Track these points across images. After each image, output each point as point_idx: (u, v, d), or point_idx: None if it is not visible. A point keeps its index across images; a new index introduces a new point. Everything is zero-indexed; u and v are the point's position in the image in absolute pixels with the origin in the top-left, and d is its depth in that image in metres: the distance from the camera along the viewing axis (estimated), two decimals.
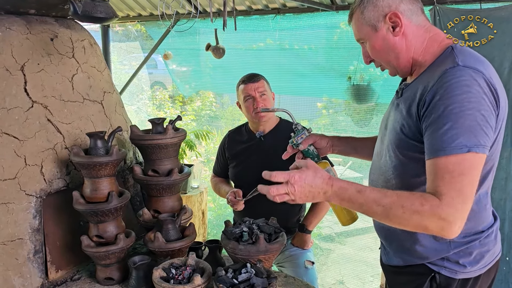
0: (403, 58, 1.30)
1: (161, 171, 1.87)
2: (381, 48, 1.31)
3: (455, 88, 1.10)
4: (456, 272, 1.28)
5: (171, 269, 1.57)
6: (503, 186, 2.78)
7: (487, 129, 1.10)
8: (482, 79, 1.12)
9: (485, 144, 1.10)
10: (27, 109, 1.75)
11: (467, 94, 1.09)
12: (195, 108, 6.58)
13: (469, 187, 1.08)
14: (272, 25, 3.61)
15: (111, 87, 2.20)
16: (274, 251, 1.63)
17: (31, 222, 1.71)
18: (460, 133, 1.08)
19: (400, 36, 1.27)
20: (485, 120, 1.10)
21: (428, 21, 1.31)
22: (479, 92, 1.10)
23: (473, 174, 1.09)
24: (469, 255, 1.28)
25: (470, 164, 1.09)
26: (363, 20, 1.31)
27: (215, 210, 4.65)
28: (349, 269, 3.95)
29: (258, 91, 2.19)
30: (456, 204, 1.06)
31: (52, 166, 1.79)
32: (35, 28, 1.85)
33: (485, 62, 1.20)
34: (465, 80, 1.11)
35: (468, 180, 1.08)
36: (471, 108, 1.08)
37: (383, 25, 1.27)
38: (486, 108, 1.10)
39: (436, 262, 1.30)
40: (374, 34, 1.30)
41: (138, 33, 4.48)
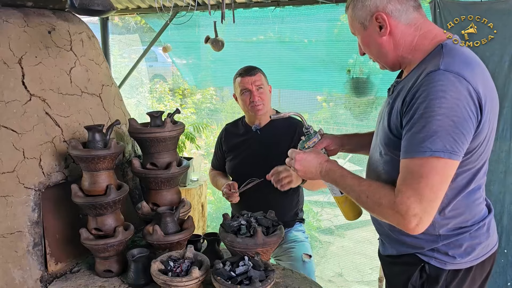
0: (391, 56, 1.32)
1: (159, 164, 1.87)
2: (369, 45, 1.34)
3: (431, 92, 1.12)
4: (446, 263, 1.30)
5: (169, 262, 1.58)
6: (502, 179, 2.78)
7: (457, 135, 1.11)
8: (461, 84, 1.12)
9: (452, 150, 1.11)
10: (25, 102, 1.75)
11: (440, 100, 1.11)
12: (195, 101, 6.57)
13: (426, 189, 1.12)
14: (271, 17, 3.59)
15: (110, 80, 2.19)
16: (272, 244, 1.64)
17: (30, 215, 1.71)
18: (427, 137, 1.11)
19: (387, 36, 1.28)
20: (454, 126, 1.11)
21: (421, 18, 1.30)
22: (454, 97, 1.11)
23: (434, 178, 1.12)
24: (459, 247, 1.30)
25: (431, 168, 1.12)
26: (354, 17, 1.33)
27: (214, 203, 4.66)
28: (348, 261, 3.96)
29: (255, 85, 2.18)
30: (410, 203, 1.13)
31: (50, 159, 1.79)
32: (32, 21, 1.84)
33: (472, 64, 1.19)
34: (442, 85, 1.12)
35: (426, 182, 1.12)
36: (441, 114, 1.10)
37: (371, 24, 1.29)
38: (458, 115, 1.11)
39: (426, 253, 1.33)
40: (363, 31, 1.32)
41: (137, 25, 4.46)
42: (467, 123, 1.13)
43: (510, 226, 2.83)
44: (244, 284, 1.41)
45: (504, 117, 2.67)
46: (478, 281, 1.36)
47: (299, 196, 2.36)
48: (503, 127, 2.68)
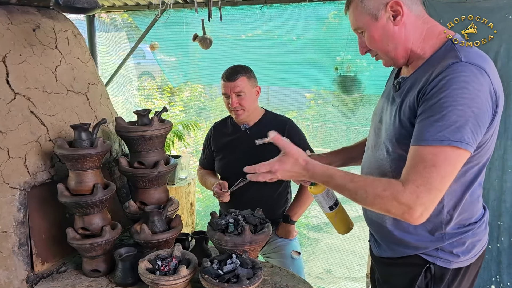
0: (402, 48, 1.29)
1: (147, 163, 1.87)
2: (380, 38, 1.29)
3: (453, 82, 1.11)
4: (450, 262, 1.31)
5: (157, 261, 1.57)
6: (486, 176, 2.81)
7: (475, 127, 1.11)
8: (483, 76, 1.12)
9: (468, 141, 1.10)
10: (10, 101, 1.73)
11: (463, 90, 1.10)
12: (184, 98, 6.55)
13: (438, 179, 1.10)
14: (259, 15, 3.59)
15: (96, 78, 2.18)
16: (259, 242, 1.65)
17: (15, 215, 1.69)
18: (445, 126, 1.10)
19: (400, 25, 1.26)
20: (474, 118, 1.10)
21: (425, 12, 1.30)
22: (476, 89, 1.11)
23: (446, 168, 1.10)
24: (462, 245, 1.31)
25: (446, 157, 1.10)
26: (362, 9, 1.28)
27: (203, 201, 4.66)
28: (336, 258, 4.00)
29: (233, 91, 2.18)
30: (419, 192, 1.10)
31: (36, 159, 1.77)
32: (16, 18, 1.82)
33: (487, 59, 1.20)
34: (465, 76, 1.11)
35: (438, 172, 1.10)
36: (462, 104, 1.09)
37: (384, 13, 1.26)
38: (479, 106, 1.11)
39: (431, 253, 1.32)
40: (374, 23, 1.28)
41: (124, 22, 4.42)
42: (485, 116, 1.13)
43: (495, 222, 2.88)
44: (231, 282, 1.41)
45: None
46: (472, 277, 1.38)
47: (288, 194, 2.37)
48: None
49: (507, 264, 2.84)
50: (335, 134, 4.24)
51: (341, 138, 4.23)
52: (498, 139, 2.73)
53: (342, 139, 4.18)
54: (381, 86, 1.65)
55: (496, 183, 2.82)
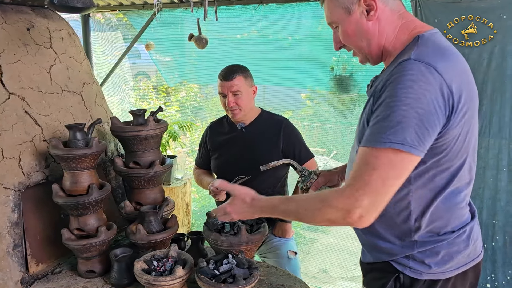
0: (375, 45, 1.24)
1: (142, 163, 1.86)
2: (353, 33, 1.24)
3: (399, 81, 1.06)
4: (421, 273, 1.22)
5: (152, 261, 1.57)
6: (481, 174, 2.84)
7: (420, 129, 1.05)
8: (432, 74, 1.06)
9: (412, 144, 1.04)
10: (4, 100, 1.71)
11: (408, 89, 1.05)
12: (179, 98, 6.53)
13: (378, 182, 1.06)
14: (255, 15, 3.59)
15: (91, 78, 2.17)
16: (255, 242, 1.65)
17: (9, 215, 1.68)
18: (388, 127, 1.05)
19: (374, 20, 1.20)
20: (418, 119, 1.04)
21: (403, 7, 1.25)
22: (422, 88, 1.04)
23: (388, 171, 1.06)
24: (435, 255, 1.22)
25: (388, 160, 1.05)
26: (336, 2, 1.23)
27: (199, 201, 4.65)
28: (332, 258, 4.00)
29: (230, 91, 2.17)
30: (358, 196, 1.07)
31: (30, 159, 1.76)
32: (10, 18, 1.80)
33: (447, 55, 1.13)
34: (411, 75, 1.06)
35: (379, 175, 1.06)
36: (406, 104, 1.04)
37: (357, 8, 1.20)
38: (424, 107, 1.04)
39: (401, 261, 1.25)
40: (347, 17, 1.22)
41: (119, 22, 4.40)
42: (432, 117, 1.06)
43: (489, 221, 2.89)
44: (228, 282, 1.41)
45: (483, 114, 2.72)
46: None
47: (284, 194, 2.37)
48: (482, 124, 2.74)
49: (502, 262, 2.86)
50: (331, 133, 4.25)
51: (336, 138, 4.24)
52: (492, 138, 2.77)
53: (338, 139, 4.19)
54: None
55: (491, 182, 2.83)
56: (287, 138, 2.24)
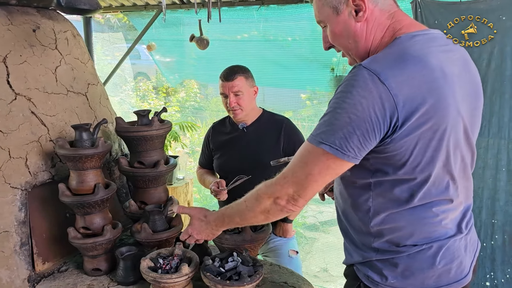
0: (361, 47, 1.20)
1: (147, 162, 1.88)
2: (341, 33, 1.20)
3: (345, 85, 1.07)
4: (378, 284, 1.19)
5: (158, 259, 1.59)
6: (480, 175, 2.87)
7: (349, 134, 1.04)
8: (374, 82, 1.02)
9: (340, 147, 1.05)
10: (10, 101, 1.74)
11: (347, 94, 1.04)
12: (179, 99, 6.55)
13: (303, 175, 1.13)
14: (256, 16, 3.62)
15: (95, 78, 2.19)
16: (259, 240, 1.67)
17: (16, 214, 1.70)
18: (323, 126, 1.09)
19: (362, 22, 1.16)
20: (350, 124, 1.03)
21: (395, 6, 1.19)
22: (360, 95, 1.02)
23: (313, 168, 1.11)
24: (393, 267, 1.18)
25: (316, 158, 1.10)
26: (324, 1, 1.19)
27: (200, 201, 4.67)
28: (333, 257, 4.03)
29: (232, 91, 2.20)
30: (284, 183, 1.16)
31: (37, 159, 1.78)
32: (16, 19, 1.82)
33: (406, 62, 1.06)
34: (353, 80, 1.05)
35: (306, 169, 1.12)
36: (342, 108, 1.04)
37: (346, 8, 1.16)
38: (359, 114, 1.02)
39: (362, 269, 1.24)
40: (335, 17, 1.18)
41: (121, 23, 4.43)
42: (366, 125, 1.03)
43: (489, 220, 2.92)
44: (233, 279, 1.43)
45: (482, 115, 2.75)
46: None
47: None
48: (482, 124, 2.77)
49: (501, 261, 2.89)
50: None
51: None
52: (492, 138, 2.81)
53: None
54: None
55: (490, 182, 2.87)
56: (288, 138, 2.26)
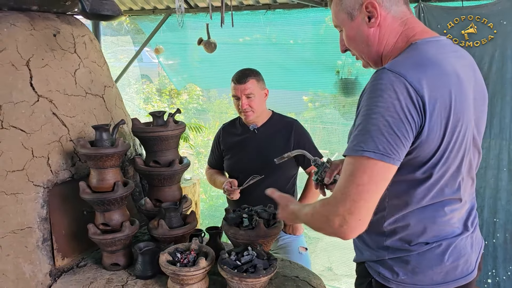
0: (374, 51, 1.25)
1: (162, 161, 1.96)
2: (355, 38, 1.26)
3: (372, 90, 1.09)
4: (389, 280, 1.23)
5: (176, 254, 1.66)
6: (482, 174, 2.95)
7: (391, 137, 1.05)
8: (400, 83, 1.06)
9: (384, 151, 1.05)
10: (33, 103, 1.81)
11: (378, 98, 1.06)
12: (182, 101, 6.63)
13: (353, 189, 1.06)
14: (263, 20, 3.70)
15: (111, 81, 2.27)
16: (272, 236, 1.75)
17: (39, 211, 1.78)
18: (360, 135, 1.08)
19: (375, 27, 1.22)
20: (389, 126, 1.05)
21: (408, 13, 1.24)
22: (391, 97, 1.05)
23: (361, 177, 1.06)
24: (405, 264, 1.21)
25: (362, 167, 1.07)
26: (340, 6, 1.26)
27: (206, 201, 4.75)
28: (337, 256, 4.10)
29: (244, 93, 2.28)
30: (336, 203, 1.09)
31: (58, 158, 1.85)
32: (38, 24, 1.90)
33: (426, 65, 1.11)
34: (381, 84, 1.07)
35: (354, 182, 1.07)
36: (376, 113, 1.05)
37: (359, 14, 1.22)
38: (394, 115, 1.05)
39: (373, 266, 1.27)
40: (350, 22, 1.25)
41: (128, 27, 4.52)
42: (404, 125, 1.06)
43: (490, 219, 3.00)
44: (249, 272, 1.51)
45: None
46: None
47: (294, 192, 2.47)
48: None
49: (503, 259, 2.96)
50: (333, 135, 4.35)
51: (339, 140, 4.34)
52: (493, 139, 2.88)
53: (340, 141, 4.29)
54: None
55: (492, 182, 2.94)
56: (298, 139, 2.34)
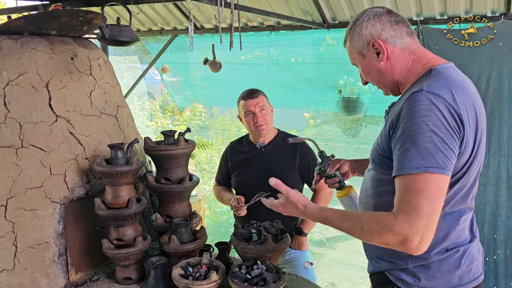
0: (389, 80, 1.40)
1: (173, 179, 2.03)
2: (369, 72, 1.43)
3: (416, 111, 1.18)
4: (411, 285, 1.32)
5: (188, 268, 1.73)
6: (482, 191, 3.02)
7: (446, 150, 1.15)
8: (442, 104, 1.17)
9: (443, 165, 1.15)
10: (52, 123, 1.90)
11: (426, 118, 1.16)
12: (186, 118, 6.74)
13: (425, 204, 1.13)
14: (266, 41, 3.82)
15: (123, 101, 2.36)
16: (280, 250, 1.81)
17: (55, 227, 1.85)
18: (418, 153, 1.15)
19: (384, 61, 1.36)
20: (443, 142, 1.15)
21: (414, 43, 1.38)
22: (438, 116, 1.16)
23: (430, 192, 1.14)
24: (426, 269, 1.31)
25: (427, 182, 1.14)
26: (352, 48, 1.43)
27: (211, 217, 4.80)
28: (340, 272, 4.14)
29: (257, 107, 2.37)
30: (410, 220, 1.12)
31: (74, 175, 1.93)
32: (57, 48, 2.00)
33: (454, 86, 1.23)
34: (425, 105, 1.17)
35: (424, 197, 1.13)
36: (429, 131, 1.15)
37: (368, 52, 1.38)
38: (444, 131, 1.16)
39: (395, 273, 1.36)
40: (362, 60, 1.41)
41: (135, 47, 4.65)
42: (454, 140, 1.18)
43: (491, 235, 3.06)
44: (259, 285, 1.57)
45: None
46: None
47: None
48: None
49: (504, 275, 3.01)
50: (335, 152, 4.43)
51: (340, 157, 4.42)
52: (492, 156, 2.97)
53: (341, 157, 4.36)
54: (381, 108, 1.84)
55: (492, 198, 3.01)
56: (303, 157, 2.42)
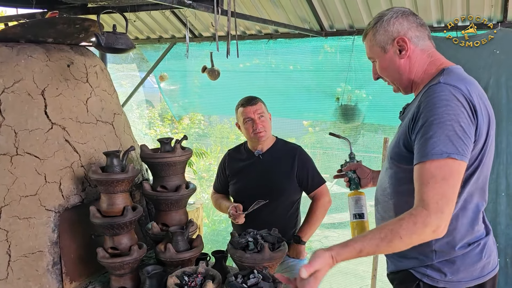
0: (405, 78, 1.47)
1: (169, 186, 2.02)
2: (388, 68, 1.48)
3: (436, 102, 1.25)
4: (438, 280, 1.36)
5: (183, 277, 1.70)
6: None
7: (466, 139, 1.23)
8: (460, 94, 1.26)
9: (463, 152, 1.22)
10: (47, 130, 1.89)
11: (446, 107, 1.24)
12: (184, 126, 6.73)
13: (451, 190, 1.21)
14: (264, 49, 3.82)
15: (120, 109, 2.35)
16: (277, 259, 1.79)
17: (50, 235, 1.83)
18: (440, 141, 1.21)
19: (405, 58, 1.43)
20: (463, 130, 1.23)
21: (432, 46, 1.47)
22: (458, 105, 1.24)
23: (454, 178, 1.22)
24: (451, 264, 1.36)
25: (450, 169, 1.21)
26: (374, 42, 1.48)
27: (209, 225, 4.77)
28: (339, 281, 4.10)
29: (256, 113, 2.37)
30: (441, 207, 1.18)
31: (69, 183, 1.92)
32: (53, 56, 2.00)
33: (467, 81, 1.33)
34: (444, 95, 1.25)
35: (449, 183, 1.21)
36: (450, 120, 1.22)
37: (391, 47, 1.44)
38: (464, 120, 1.23)
39: (420, 270, 1.40)
40: (383, 55, 1.47)
41: (134, 55, 4.66)
42: (472, 129, 1.26)
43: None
44: None
45: None
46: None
47: (297, 216, 2.52)
48: None
49: (504, 283, 2.98)
50: (333, 160, 4.42)
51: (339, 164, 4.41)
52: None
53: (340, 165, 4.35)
54: (378, 116, 1.85)
55: (491, 206, 2.99)
56: (301, 165, 2.40)
